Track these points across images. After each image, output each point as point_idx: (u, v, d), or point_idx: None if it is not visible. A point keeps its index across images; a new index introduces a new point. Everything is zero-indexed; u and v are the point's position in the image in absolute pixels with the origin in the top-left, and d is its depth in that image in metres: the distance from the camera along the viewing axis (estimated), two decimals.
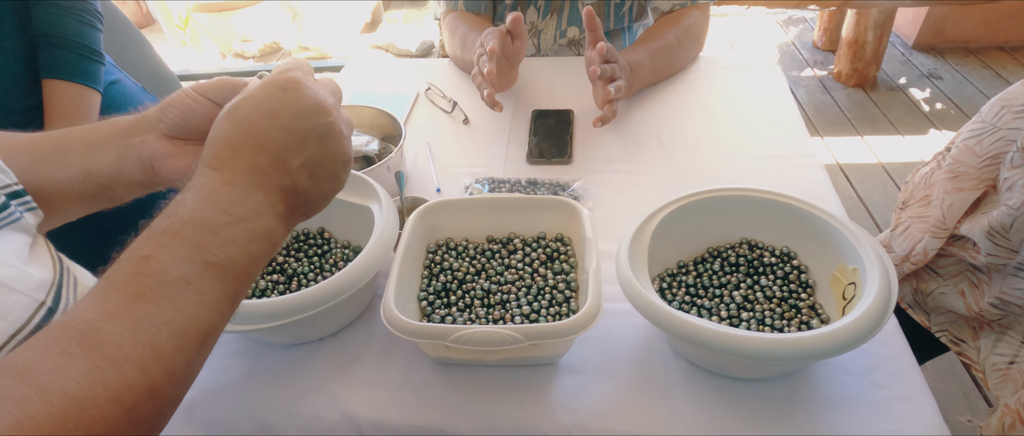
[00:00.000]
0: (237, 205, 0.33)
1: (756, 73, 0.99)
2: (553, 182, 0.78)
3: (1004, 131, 0.57)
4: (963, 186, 0.60)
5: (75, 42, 0.75)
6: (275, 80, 0.37)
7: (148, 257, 0.29)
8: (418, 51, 2.90)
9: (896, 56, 2.57)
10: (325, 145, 0.37)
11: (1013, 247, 0.56)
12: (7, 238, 0.37)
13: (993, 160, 0.58)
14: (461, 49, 0.99)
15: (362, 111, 0.86)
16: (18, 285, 0.35)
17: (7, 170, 0.41)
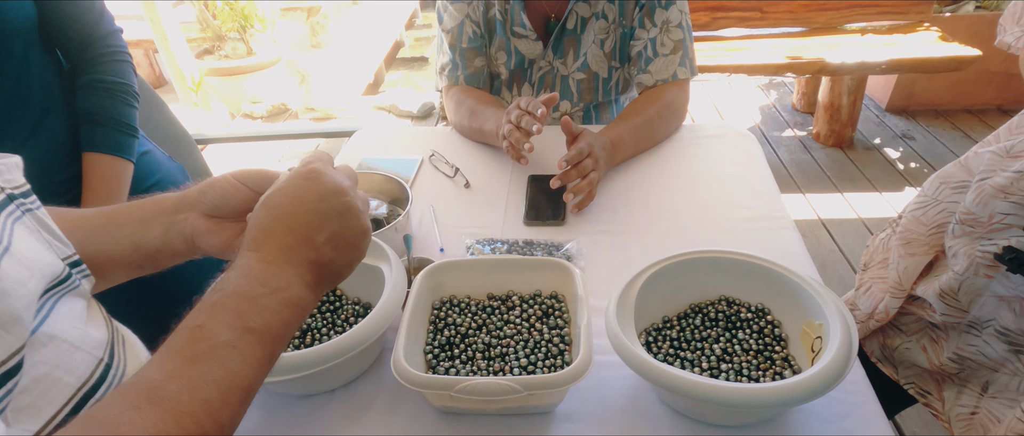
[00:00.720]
0: (271, 278, 0.38)
1: (733, 142, 1.08)
2: (548, 243, 0.85)
3: (945, 204, 0.64)
4: (915, 251, 0.67)
5: (114, 119, 0.83)
6: (300, 171, 0.44)
7: (201, 326, 0.35)
8: (419, 113, 3.04)
9: (871, 118, 2.72)
10: (344, 221, 0.43)
11: (963, 307, 0.62)
12: (70, 303, 0.42)
13: (938, 229, 0.65)
14: (469, 118, 1.08)
15: (372, 177, 0.93)
16: (83, 344, 0.41)
17: (67, 241, 0.46)
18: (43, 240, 0.42)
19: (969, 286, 0.60)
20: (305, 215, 0.41)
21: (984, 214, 0.57)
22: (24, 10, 0.74)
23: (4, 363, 0.32)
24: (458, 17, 1.08)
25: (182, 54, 2.91)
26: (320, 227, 0.42)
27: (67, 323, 0.40)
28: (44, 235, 0.43)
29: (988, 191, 0.56)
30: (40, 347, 0.36)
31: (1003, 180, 0.55)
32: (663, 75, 1.07)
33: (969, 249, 0.60)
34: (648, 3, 1.04)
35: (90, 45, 0.82)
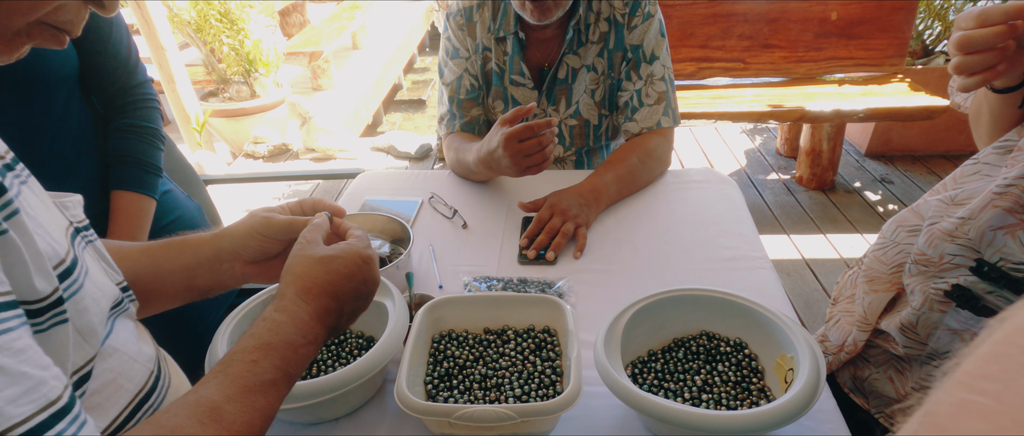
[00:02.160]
0: (310, 332, 0.47)
1: (715, 187, 1.16)
2: (541, 280, 0.90)
3: (901, 246, 0.70)
4: (878, 288, 0.73)
5: (141, 161, 0.89)
6: (360, 253, 0.54)
7: (255, 361, 0.43)
8: (417, 154, 3.12)
9: (851, 162, 2.83)
10: (366, 303, 0.55)
11: (922, 340, 0.68)
12: (124, 322, 0.49)
13: (897, 268, 0.71)
14: (459, 155, 1.15)
15: (375, 218, 0.99)
16: (138, 357, 0.46)
17: (117, 269, 0.52)
18: (102, 267, 0.48)
19: (925, 320, 0.66)
20: (348, 289, 0.52)
21: (935, 255, 0.63)
22: (69, 61, 0.81)
23: (82, 368, 0.38)
24: (457, 72, 1.17)
25: (188, 95, 3.01)
26: (352, 302, 0.52)
27: (125, 338, 0.47)
28: (102, 264, 0.49)
29: (937, 234, 0.62)
30: (107, 357, 0.42)
31: (949, 225, 0.61)
32: (648, 123, 1.15)
33: (924, 286, 0.65)
34: (634, 57, 1.13)
35: (124, 93, 0.89)
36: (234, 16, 3.19)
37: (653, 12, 1.11)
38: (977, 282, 0.59)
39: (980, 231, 0.57)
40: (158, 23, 2.78)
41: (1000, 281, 0.57)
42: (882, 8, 2.44)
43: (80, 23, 0.43)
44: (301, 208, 0.62)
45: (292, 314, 0.47)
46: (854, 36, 2.49)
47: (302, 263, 0.51)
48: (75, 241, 0.44)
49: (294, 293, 0.49)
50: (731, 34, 2.52)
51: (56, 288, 0.35)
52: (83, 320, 0.38)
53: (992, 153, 0.59)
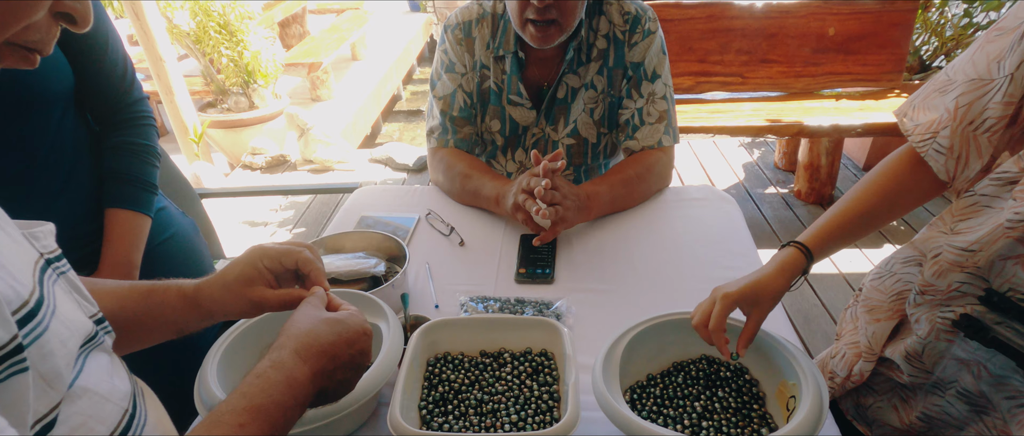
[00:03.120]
0: (301, 394, 0.48)
1: (715, 205, 1.15)
2: (538, 300, 0.89)
3: (899, 275, 0.69)
4: (879, 317, 0.72)
5: (137, 178, 0.88)
6: (364, 326, 0.55)
7: (242, 425, 0.43)
8: (415, 166, 3.12)
9: (849, 177, 2.83)
10: (355, 376, 0.55)
11: (928, 369, 0.67)
12: (97, 358, 0.46)
13: (898, 297, 0.70)
14: (462, 182, 1.13)
15: (371, 236, 0.98)
16: (111, 397, 0.44)
17: (92, 300, 0.51)
18: (74, 300, 0.46)
19: (932, 350, 0.65)
20: (346, 357, 0.52)
21: (942, 285, 0.62)
22: (64, 78, 0.80)
23: (45, 416, 0.36)
24: (451, 87, 1.16)
25: (186, 106, 3.01)
26: (345, 372, 0.53)
27: (97, 377, 0.45)
28: (75, 296, 0.47)
29: (945, 265, 0.61)
30: (77, 399, 0.40)
31: (956, 256, 0.60)
32: (649, 142, 1.14)
33: (930, 315, 0.64)
34: (635, 75, 1.12)
35: (120, 110, 0.88)
36: (233, 28, 3.20)
37: (654, 29, 1.10)
38: (986, 312, 0.58)
39: (990, 260, 0.56)
40: (157, 35, 2.78)
41: (1010, 312, 0.56)
42: (879, 24, 2.45)
43: (51, 41, 0.41)
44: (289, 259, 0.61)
45: (288, 373, 0.47)
46: (852, 51, 2.50)
47: (307, 320, 0.52)
48: (45, 275, 0.42)
49: (293, 350, 0.49)
50: (729, 49, 2.53)
51: (14, 335, 0.34)
52: (47, 365, 0.36)
53: (990, 185, 0.59)
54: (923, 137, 0.63)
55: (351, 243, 0.99)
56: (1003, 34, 0.57)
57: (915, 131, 0.64)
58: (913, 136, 0.64)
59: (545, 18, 0.98)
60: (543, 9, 0.96)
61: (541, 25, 0.99)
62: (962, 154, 0.61)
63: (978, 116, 0.58)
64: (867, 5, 2.44)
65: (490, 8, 1.12)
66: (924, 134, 0.63)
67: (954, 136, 0.60)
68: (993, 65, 0.57)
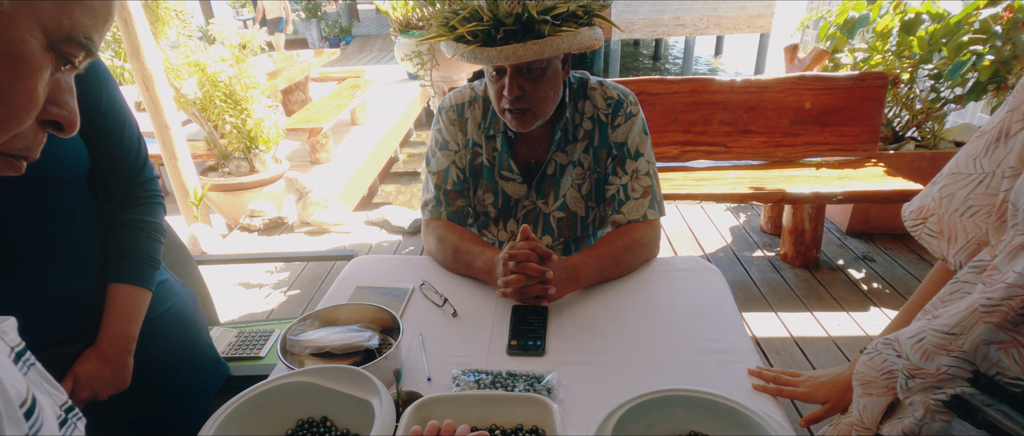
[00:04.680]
0: None
1: (700, 276, 1.19)
2: (529, 373, 0.91)
3: (884, 355, 0.73)
4: (871, 391, 0.74)
5: (142, 254, 0.92)
6: None
7: None
8: (410, 229, 3.16)
9: (833, 240, 2.90)
10: None
11: None
12: None
13: (889, 375, 0.72)
14: (453, 254, 1.18)
15: (365, 309, 1.00)
16: None
17: (61, 388, 0.51)
18: (45, 391, 0.47)
19: (929, 430, 0.67)
20: None
21: (931, 368, 0.65)
22: (80, 163, 0.84)
23: None
24: (445, 163, 1.22)
25: (188, 170, 3.07)
26: None
27: None
28: (46, 385, 0.48)
29: (930, 348, 0.64)
30: None
31: (940, 339, 0.63)
32: (634, 215, 1.19)
33: (924, 398, 0.67)
34: (619, 154, 1.19)
35: (130, 189, 0.93)
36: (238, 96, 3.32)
37: (635, 112, 1.18)
38: (976, 394, 0.61)
39: (974, 346, 0.59)
40: (165, 103, 2.89)
41: (998, 394, 0.59)
42: (852, 98, 2.60)
43: (38, 147, 0.41)
44: None
45: None
46: (828, 123, 2.64)
47: None
48: (18, 368, 0.43)
49: None
50: (712, 120, 2.66)
51: (26, 434, 0.34)
52: None
53: (969, 272, 0.63)
54: (914, 222, 0.69)
55: (346, 315, 1.01)
56: (980, 137, 0.66)
57: (908, 217, 0.70)
58: (907, 221, 0.70)
59: (519, 107, 1.07)
60: (515, 100, 1.05)
61: (516, 113, 1.08)
62: (950, 235, 0.68)
63: (961, 204, 0.66)
64: (840, 82, 2.59)
65: (481, 91, 1.21)
66: (915, 219, 0.69)
67: (941, 222, 0.67)
68: (970, 162, 0.66)
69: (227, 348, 1.38)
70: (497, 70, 1.05)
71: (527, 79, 1.04)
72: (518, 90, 1.04)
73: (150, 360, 0.96)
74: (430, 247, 1.25)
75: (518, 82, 1.03)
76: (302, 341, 0.94)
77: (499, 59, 0.98)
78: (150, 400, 1.00)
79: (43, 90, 0.38)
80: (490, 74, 1.07)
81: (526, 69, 1.03)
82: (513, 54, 0.97)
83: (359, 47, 11.42)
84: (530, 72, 1.04)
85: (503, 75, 1.05)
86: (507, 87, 1.03)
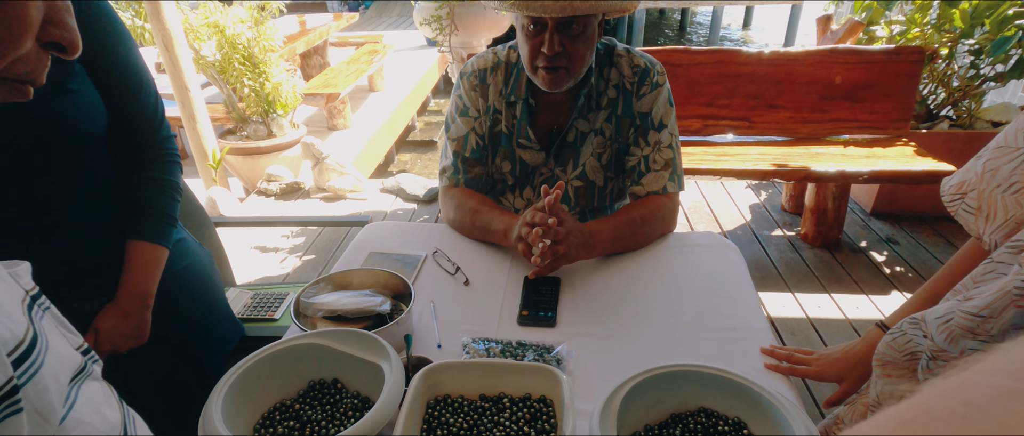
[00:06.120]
0: None
1: (717, 252, 1.16)
2: (539, 344, 0.90)
3: (909, 335, 0.70)
4: (891, 373, 0.72)
5: (159, 212, 0.92)
6: None
7: None
8: (425, 197, 3.16)
9: (856, 221, 2.83)
10: None
11: None
12: (88, 389, 0.48)
13: (912, 356, 0.70)
14: (472, 218, 1.17)
15: (378, 274, 1.00)
16: (102, 427, 0.46)
17: (76, 331, 0.52)
18: (61, 334, 0.48)
19: None
20: None
21: (955, 351, 0.63)
22: (98, 120, 0.84)
23: None
24: (464, 129, 1.20)
25: (207, 133, 3.09)
26: None
27: (89, 408, 0.46)
28: (62, 330, 0.49)
29: (957, 331, 0.62)
30: (71, 430, 0.41)
31: (968, 322, 0.61)
32: (654, 187, 1.17)
33: None
34: (642, 124, 1.16)
35: (148, 147, 0.93)
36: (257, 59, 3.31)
37: (661, 82, 1.14)
38: None
39: (1003, 329, 0.57)
40: (185, 65, 2.89)
41: None
42: (886, 73, 2.49)
43: (42, 71, 0.41)
44: None
45: None
46: (859, 99, 2.54)
47: None
48: (32, 312, 0.43)
49: None
50: (737, 93, 2.58)
51: (9, 378, 0.34)
52: (42, 401, 0.37)
53: (1005, 252, 0.61)
54: (953, 197, 0.66)
55: (358, 280, 1.01)
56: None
57: (947, 192, 0.67)
58: (945, 196, 0.67)
59: (555, 65, 1.03)
60: (553, 57, 1.02)
61: (551, 70, 1.04)
62: (989, 212, 0.64)
63: (1005, 179, 0.62)
64: (874, 55, 2.48)
65: (504, 57, 1.17)
66: (954, 194, 0.66)
67: (981, 198, 0.64)
68: (1020, 134, 0.62)
69: (242, 309, 1.41)
70: (536, 25, 1.02)
71: (567, 36, 1.02)
72: (558, 46, 1.01)
73: (168, 316, 0.98)
74: (447, 213, 1.24)
75: (559, 38, 1.01)
76: (315, 304, 0.95)
77: (554, 10, 0.95)
78: (168, 356, 1.02)
79: (36, 12, 0.38)
80: (527, 30, 1.04)
81: (568, 25, 1.00)
82: (569, 5, 0.95)
83: (378, 11, 11.28)
84: (572, 28, 1.01)
85: (542, 31, 1.02)
86: (547, 42, 1.01)
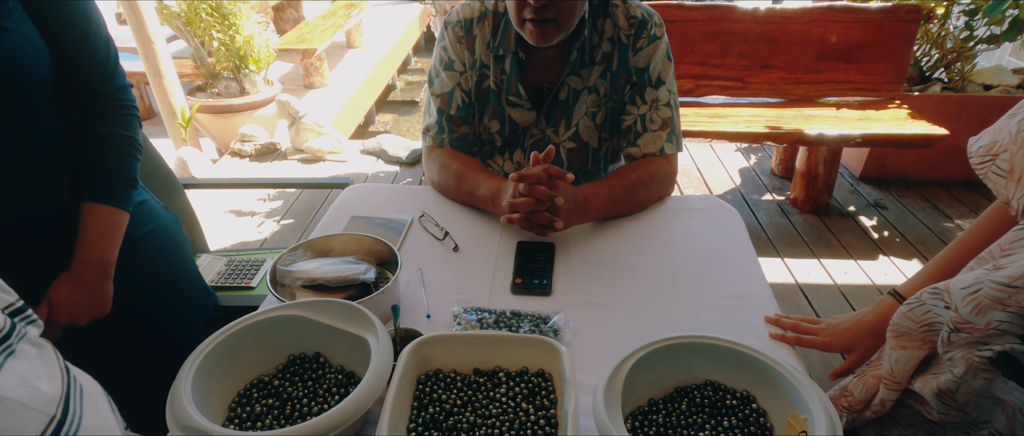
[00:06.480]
0: None
1: (717, 216, 1.11)
2: (535, 314, 0.85)
3: (928, 305, 0.66)
4: (906, 344, 0.68)
5: (116, 171, 0.83)
6: None
7: None
8: (408, 159, 3.06)
9: (845, 186, 2.82)
10: None
11: (960, 408, 0.64)
12: (19, 359, 0.42)
13: (930, 327, 0.66)
14: (456, 181, 1.09)
15: (361, 240, 0.93)
16: (33, 403, 0.40)
17: (8, 289, 0.46)
18: None
19: (967, 388, 0.62)
20: None
21: (981, 322, 0.59)
22: (41, 62, 0.75)
23: None
24: (449, 85, 1.11)
25: (174, 90, 2.92)
26: None
27: (15, 382, 0.40)
28: None
29: (985, 302, 0.58)
30: None
31: (997, 292, 0.57)
32: (651, 149, 1.10)
33: (966, 354, 0.61)
34: (639, 81, 1.08)
35: (101, 98, 0.83)
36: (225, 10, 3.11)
37: (660, 34, 1.06)
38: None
39: None
40: (147, 14, 2.69)
41: None
42: (882, 33, 2.43)
43: None
44: None
45: None
46: (853, 60, 2.48)
47: None
48: None
49: None
50: (730, 53, 2.50)
51: None
52: None
53: None
54: (982, 158, 0.61)
55: (340, 246, 0.94)
56: None
57: (976, 152, 0.62)
58: (974, 157, 0.62)
59: (542, 17, 0.95)
60: (540, 8, 0.93)
61: (539, 24, 0.96)
62: (1022, 175, 0.60)
63: None
64: (870, 14, 2.42)
65: (491, 6, 1.08)
66: (983, 156, 0.61)
67: (1014, 160, 0.59)
68: None
69: (216, 277, 1.33)
70: None
71: None
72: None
73: (132, 286, 0.91)
74: (432, 175, 1.17)
75: None
76: (293, 272, 0.88)
77: None
78: (134, 330, 0.95)
79: None
80: None
81: None
82: None
83: None
84: None
85: None
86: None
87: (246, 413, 0.68)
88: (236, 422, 0.67)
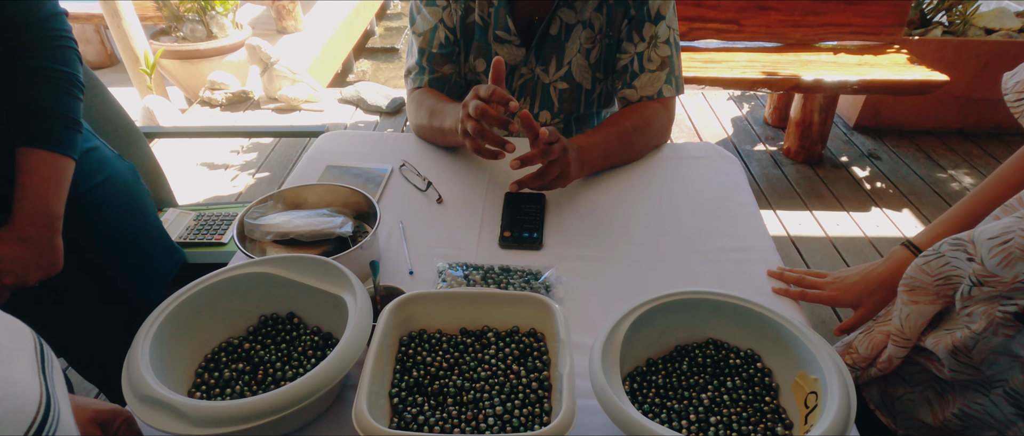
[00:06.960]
0: None
1: (716, 164, 1.05)
2: (525, 269, 0.80)
3: (947, 258, 0.62)
4: (919, 299, 0.64)
5: (55, 112, 0.74)
6: None
7: None
8: (388, 108, 2.93)
9: (839, 135, 2.77)
10: None
11: (975, 365, 0.60)
12: None
13: (946, 281, 0.62)
14: (429, 118, 1.01)
15: (337, 190, 0.86)
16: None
17: None
18: None
19: (985, 345, 0.58)
20: None
21: (1007, 275, 0.55)
22: None
23: None
24: (431, 21, 1.02)
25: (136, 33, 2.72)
26: None
27: None
28: None
29: (1016, 253, 0.54)
30: None
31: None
32: (648, 91, 1.03)
33: (988, 309, 0.57)
34: (637, 16, 0.99)
35: (29, 28, 0.72)
36: None
37: None
38: None
39: None
40: None
41: None
42: None
43: None
44: None
45: None
46: (853, 1, 2.38)
47: None
48: None
49: None
50: None
51: None
52: None
53: None
54: (1018, 96, 0.55)
55: (314, 197, 0.87)
56: None
57: (1012, 89, 0.56)
58: (1009, 95, 0.56)
59: None
60: None
61: None
62: None
63: None
64: None
65: None
66: (1020, 92, 0.55)
67: None
68: None
69: (185, 232, 1.25)
70: None
71: None
72: None
73: (85, 242, 0.83)
74: (411, 119, 1.09)
75: None
76: (263, 226, 0.81)
77: None
78: (92, 290, 0.88)
79: None
80: None
81: None
82: None
83: None
84: None
85: None
86: None
87: (214, 379, 0.62)
88: (203, 389, 0.62)
